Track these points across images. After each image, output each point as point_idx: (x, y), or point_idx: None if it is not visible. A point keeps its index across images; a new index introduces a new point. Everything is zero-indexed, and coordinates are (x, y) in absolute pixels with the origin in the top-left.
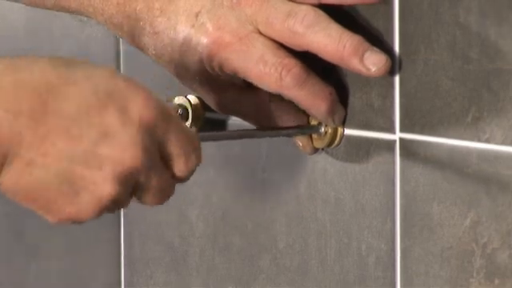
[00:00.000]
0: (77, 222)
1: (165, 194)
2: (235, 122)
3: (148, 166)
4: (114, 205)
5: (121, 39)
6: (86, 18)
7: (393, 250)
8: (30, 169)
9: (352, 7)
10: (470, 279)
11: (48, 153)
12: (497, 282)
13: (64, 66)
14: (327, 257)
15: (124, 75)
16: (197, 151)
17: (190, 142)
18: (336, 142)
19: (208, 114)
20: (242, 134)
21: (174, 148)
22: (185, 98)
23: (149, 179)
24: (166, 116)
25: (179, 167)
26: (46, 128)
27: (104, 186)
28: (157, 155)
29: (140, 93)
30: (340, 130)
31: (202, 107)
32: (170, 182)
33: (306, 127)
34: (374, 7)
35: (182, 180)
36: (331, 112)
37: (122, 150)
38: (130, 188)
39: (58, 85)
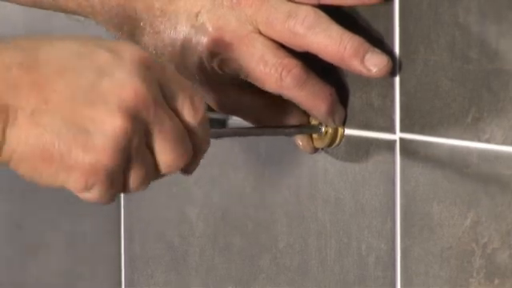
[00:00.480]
0: (100, 174)
1: (180, 145)
2: (235, 121)
3: (153, 100)
4: (129, 142)
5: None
6: (83, 18)
7: (393, 249)
8: (36, 119)
9: (352, 8)
10: (470, 279)
11: (49, 99)
12: (497, 282)
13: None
14: (327, 257)
15: None
16: (200, 97)
17: (190, 86)
18: (336, 141)
19: (208, 114)
20: (241, 132)
21: (177, 91)
22: None
23: (159, 117)
24: (159, 62)
25: (187, 111)
26: (41, 76)
27: (113, 120)
28: (159, 93)
29: (128, 44)
30: (340, 130)
31: None
32: (183, 130)
33: (306, 127)
34: (374, 8)
35: (193, 129)
36: (331, 112)
37: (121, 83)
38: (141, 124)
39: (44, 42)
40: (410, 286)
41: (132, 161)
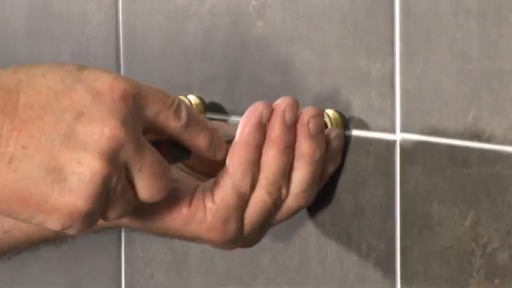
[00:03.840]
0: (77, 218)
1: (160, 179)
2: (236, 121)
3: (132, 139)
4: (107, 186)
5: (121, 39)
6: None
7: (393, 249)
8: (14, 165)
9: (351, 7)
10: (470, 279)
11: (27, 144)
12: (497, 281)
13: (33, 65)
14: (327, 257)
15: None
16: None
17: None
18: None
19: (208, 114)
20: None
21: (161, 121)
22: (185, 98)
23: (138, 154)
24: (141, 89)
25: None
26: (20, 121)
27: (92, 165)
28: (139, 129)
29: (107, 73)
30: (340, 130)
31: (202, 107)
32: (164, 165)
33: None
34: (375, 8)
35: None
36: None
37: (100, 125)
38: (121, 166)
39: (26, 79)
40: (410, 286)
41: (110, 200)
